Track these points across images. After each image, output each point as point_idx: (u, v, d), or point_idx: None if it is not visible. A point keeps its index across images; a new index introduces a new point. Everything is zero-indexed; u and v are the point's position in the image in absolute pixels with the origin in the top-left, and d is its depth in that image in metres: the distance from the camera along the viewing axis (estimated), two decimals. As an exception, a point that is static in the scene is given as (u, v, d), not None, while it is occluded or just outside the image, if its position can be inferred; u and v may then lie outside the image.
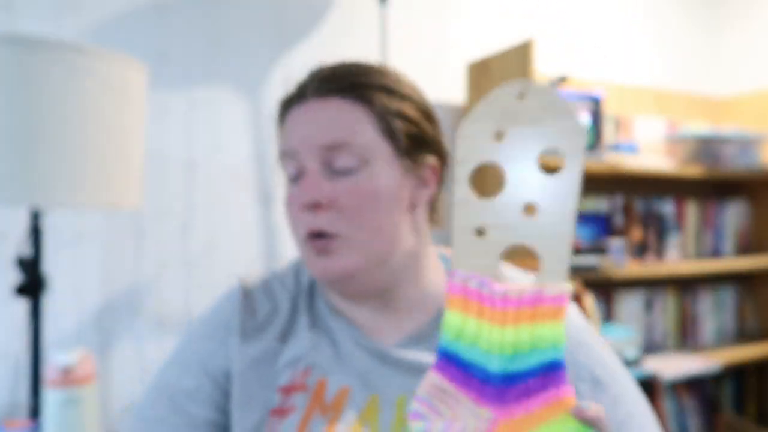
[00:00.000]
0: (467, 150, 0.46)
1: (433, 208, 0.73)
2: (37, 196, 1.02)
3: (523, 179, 0.45)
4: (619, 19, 2.40)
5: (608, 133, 2.16)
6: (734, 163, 2.09)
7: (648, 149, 2.18)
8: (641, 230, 2.06)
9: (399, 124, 0.67)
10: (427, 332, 0.70)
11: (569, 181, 0.43)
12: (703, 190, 2.42)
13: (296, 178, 0.68)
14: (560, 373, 0.42)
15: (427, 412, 0.46)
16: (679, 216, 2.22)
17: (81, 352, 1.14)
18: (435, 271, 0.73)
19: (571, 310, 0.73)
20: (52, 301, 1.47)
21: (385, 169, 0.66)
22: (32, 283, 1.20)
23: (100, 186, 1.09)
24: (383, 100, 0.67)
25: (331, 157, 0.65)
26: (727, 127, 2.38)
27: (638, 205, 2.13)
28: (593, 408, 0.42)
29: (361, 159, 0.65)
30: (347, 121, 0.65)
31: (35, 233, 1.21)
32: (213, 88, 1.70)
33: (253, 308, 0.73)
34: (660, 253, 2.09)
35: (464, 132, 0.46)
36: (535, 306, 0.43)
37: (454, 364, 0.46)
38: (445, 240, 1.02)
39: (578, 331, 0.69)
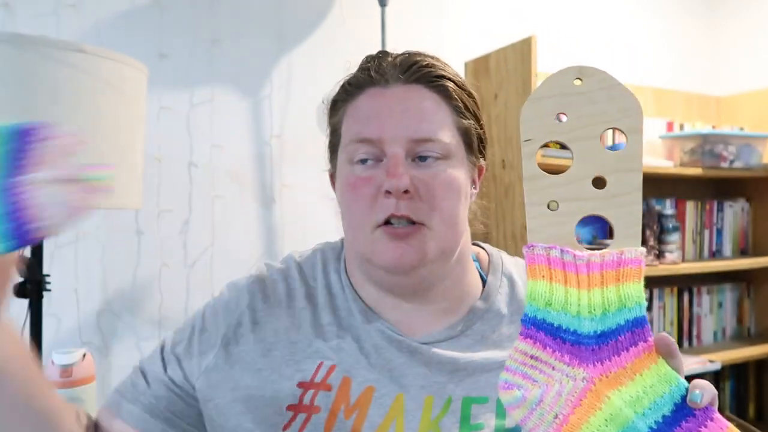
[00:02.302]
0: (532, 129, 0.48)
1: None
2: (37, 196, 1.01)
3: (589, 155, 0.48)
4: (619, 18, 2.40)
5: (608, 133, 2.15)
6: (734, 163, 2.09)
7: (648, 149, 2.18)
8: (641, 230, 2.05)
9: (471, 123, 0.69)
10: (458, 331, 0.69)
11: (632, 154, 0.47)
12: (703, 190, 2.41)
13: (367, 161, 0.66)
14: (646, 327, 0.46)
15: (520, 381, 0.49)
16: (679, 216, 2.22)
17: (81, 352, 1.14)
18: (472, 272, 0.73)
19: None
20: (52, 301, 1.47)
21: (458, 165, 0.67)
22: (32, 283, 1.20)
23: (100, 186, 1.08)
24: (461, 95, 0.68)
25: (416, 147, 0.65)
26: (727, 127, 2.38)
27: (638, 205, 2.12)
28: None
29: (443, 153, 0.65)
30: (436, 116, 0.66)
31: (35, 233, 1.21)
32: (213, 88, 1.70)
33: (266, 294, 0.72)
34: (660, 253, 2.09)
35: (527, 112, 0.48)
36: (617, 268, 0.46)
37: (544, 331, 0.48)
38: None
39: None
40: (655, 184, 2.28)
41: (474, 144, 0.69)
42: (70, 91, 1.04)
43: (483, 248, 0.79)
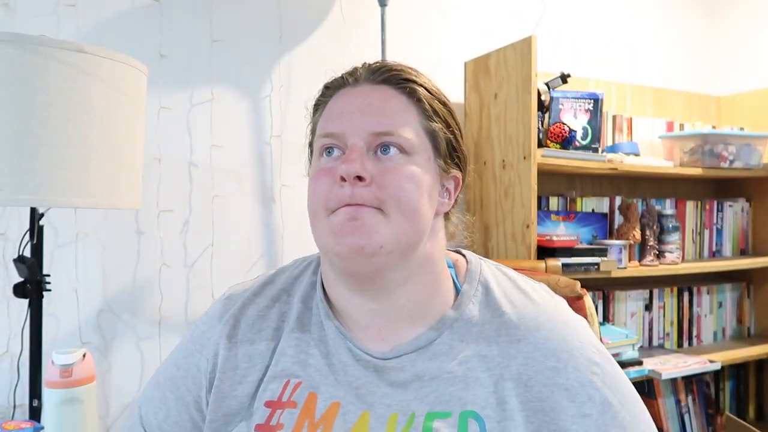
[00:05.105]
0: None
1: (447, 219, 0.74)
2: (37, 196, 1.02)
3: None
4: (619, 18, 2.40)
5: (608, 133, 2.15)
6: (734, 163, 2.09)
7: (648, 149, 2.18)
8: (641, 230, 2.05)
9: (439, 127, 0.69)
10: (427, 340, 0.68)
11: None
12: (703, 190, 2.42)
13: (333, 153, 0.67)
14: None
15: None
16: (679, 216, 2.22)
17: (81, 352, 1.14)
18: (445, 282, 0.72)
19: (585, 327, 0.71)
20: (52, 301, 1.47)
21: (422, 163, 0.67)
22: (32, 283, 1.20)
23: (100, 186, 1.08)
24: (430, 100, 0.69)
25: (377, 140, 0.66)
26: (727, 127, 2.38)
27: (638, 205, 2.12)
28: None
29: (404, 150, 0.66)
30: (398, 112, 0.67)
31: (35, 233, 1.21)
32: (213, 88, 1.70)
33: (238, 317, 0.73)
34: (660, 253, 2.09)
35: None
36: None
37: None
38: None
39: (593, 352, 0.67)
40: (655, 184, 2.28)
41: (442, 147, 0.69)
42: (70, 92, 1.04)
43: (464, 255, 0.77)
